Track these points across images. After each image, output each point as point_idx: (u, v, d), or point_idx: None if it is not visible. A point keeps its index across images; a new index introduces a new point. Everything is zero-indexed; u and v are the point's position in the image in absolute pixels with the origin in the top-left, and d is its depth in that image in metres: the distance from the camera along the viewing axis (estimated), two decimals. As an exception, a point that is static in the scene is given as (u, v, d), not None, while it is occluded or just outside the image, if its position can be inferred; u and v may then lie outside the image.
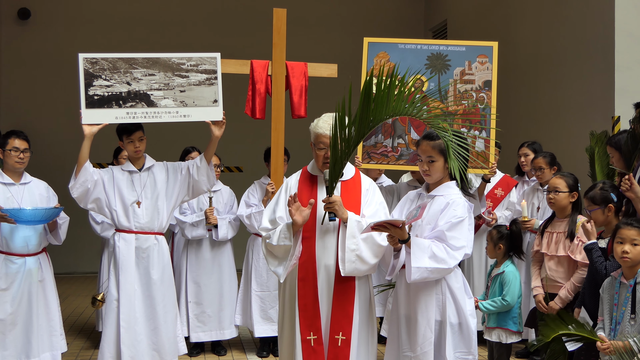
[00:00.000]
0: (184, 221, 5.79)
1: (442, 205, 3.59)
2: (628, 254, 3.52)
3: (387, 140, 5.20)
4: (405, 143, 5.19)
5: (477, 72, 5.23)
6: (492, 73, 5.22)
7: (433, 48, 5.28)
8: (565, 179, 4.51)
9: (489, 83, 5.22)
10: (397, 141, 5.19)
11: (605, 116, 6.45)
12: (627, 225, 3.59)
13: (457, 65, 5.25)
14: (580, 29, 7.05)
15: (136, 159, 4.80)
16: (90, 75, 4.57)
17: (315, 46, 10.39)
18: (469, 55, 5.26)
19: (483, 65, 5.24)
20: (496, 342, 4.52)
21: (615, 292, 3.60)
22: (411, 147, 5.14)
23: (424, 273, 3.45)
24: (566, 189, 4.45)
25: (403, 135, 5.21)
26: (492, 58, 5.25)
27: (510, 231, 4.60)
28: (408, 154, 5.17)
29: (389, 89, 3.46)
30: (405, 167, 5.28)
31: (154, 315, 4.67)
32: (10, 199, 4.73)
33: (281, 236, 3.65)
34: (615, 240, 3.61)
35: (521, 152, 6.19)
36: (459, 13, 10.45)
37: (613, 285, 3.64)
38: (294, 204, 3.61)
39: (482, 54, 5.26)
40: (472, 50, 5.27)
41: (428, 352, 3.56)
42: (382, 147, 5.20)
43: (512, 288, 4.42)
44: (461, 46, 5.29)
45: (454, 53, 5.26)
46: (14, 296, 4.67)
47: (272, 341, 6.01)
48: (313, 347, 3.66)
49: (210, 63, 4.73)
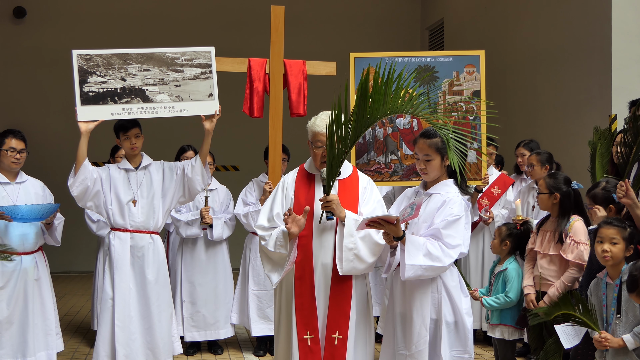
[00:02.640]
0: (179, 219, 5.77)
1: (438, 203, 3.59)
2: (608, 252, 3.51)
3: (380, 157, 5.23)
4: (398, 159, 5.21)
5: (465, 83, 5.26)
6: (480, 83, 5.24)
7: (420, 60, 5.31)
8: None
9: (478, 93, 5.24)
10: (390, 157, 5.22)
11: (603, 115, 6.45)
12: (607, 225, 3.58)
13: (445, 76, 5.28)
14: (578, 27, 7.05)
15: (133, 157, 4.78)
16: (84, 72, 4.55)
17: (313, 44, 10.37)
18: (456, 66, 5.29)
19: (471, 75, 5.26)
20: (499, 339, 4.55)
21: (603, 294, 3.59)
22: (404, 163, 5.18)
23: (418, 271, 3.44)
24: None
25: (395, 151, 5.23)
26: (480, 67, 5.28)
27: (521, 230, 4.65)
28: (401, 169, 5.20)
29: (386, 86, 3.45)
30: (399, 182, 5.32)
31: (148, 315, 4.66)
32: (6, 197, 4.70)
33: (277, 243, 3.65)
34: (596, 240, 3.60)
35: (518, 152, 6.19)
36: (455, 12, 10.44)
37: (599, 286, 3.63)
38: (289, 217, 3.60)
39: (470, 63, 5.28)
40: (459, 60, 5.29)
41: (423, 350, 3.56)
42: (376, 164, 5.22)
43: (515, 285, 4.45)
44: (448, 57, 5.33)
45: (441, 64, 5.28)
46: (9, 295, 4.64)
47: (269, 340, 5.99)
48: (310, 346, 3.65)
49: (204, 57, 4.71)
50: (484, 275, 6.08)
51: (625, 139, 3.85)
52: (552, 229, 4.33)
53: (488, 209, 6.00)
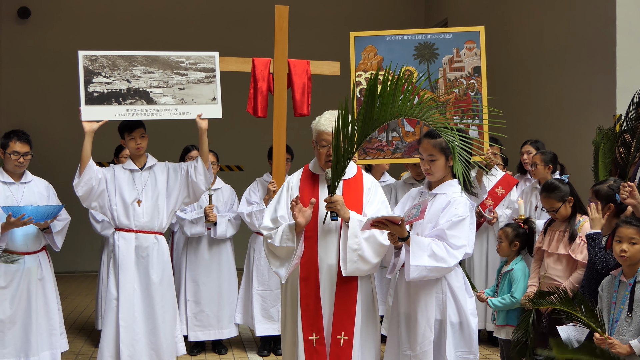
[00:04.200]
0: (184, 218, 5.78)
1: (443, 204, 3.58)
2: (626, 252, 3.50)
3: (382, 135, 5.19)
4: (400, 136, 5.17)
5: (465, 59, 5.21)
6: (481, 58, 5.19)
7: (420, 37, 5.26)
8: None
9: (479, 69, 5.19)
10: (391, 135, 5.18)
11: (607, 114, 6.43)
12: (626, 224, 3.57)
13: (445, 53, 5.23)
14: (582, 26, 7.03)
15: (137, 157, 4.79)
16: (89, 72, 4.57)
17: (317, 44, 10.37)
18: (456, 42, 5.24)
19: (471, 51, 5.21)
20: (505, 340, 4.55)
21: (614, 291, 3.58)
22: (406, 140, 5.13)
23: (423, 271, 3.43)
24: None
25: (397, 128, 5.19)
26: (480, 43, 5.22)
27: (528, 229, 4.66)
28: (403, 146, 5.15)
29: (394, 87, 3.43)
30: (401, 160, 5.26)
31: (152, 315, 4.66)
32: (10, 197, 4.71)
33: (283, 237, 3.63)
34: (614, 239, 3.60)
35: (524, 149, 6.18)
36: (459, 11, 10.43)
37: (613, 283, 3.62)
38: (296, 206, 3.59)
39: (470, 39, 5.23)
40: (459, 36, 5.24)
41: (427, 351, 3.54)
42: (377, 141, 5.18)
43: (521, 285, 4.44)
44: (448, 33, 5.27)
45: (441, 41, 5.23)
46: (13, 294, 4.65)
47: (273, 340, 6.00)
48: (315, 347, 3.64)
49: (208, 61, 4.74)
50: (487, 275, 6.07)
51: (626, 139, 3.84)
52: (562, 229, 4.33)
53: (492, 209, 5.99)
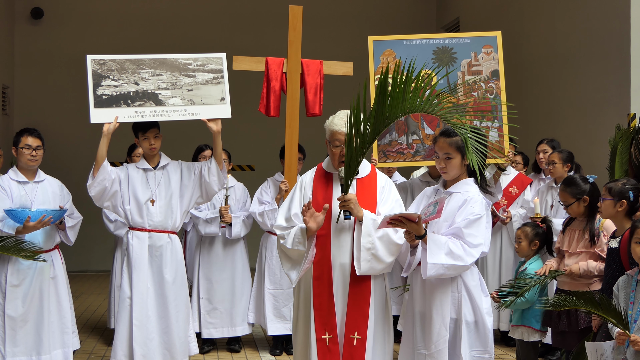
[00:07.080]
0: (198, 216, 5.79)
1: (459, 202, 3.57)
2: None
3: (402, 138, 5.19)
4: (420, 139, 5.17)
5: (483, 63, 5.24)
6: (499, 62, 5.22)
7: (438, 42, 5.30)
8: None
9: (497, 72, 5.22)
10: (411, 137, 5.18)
11: (622, 114, 6.39)
12: None
13: (463, 57, 5.26)
14: (596, 25, 6.99)
15: (151, 157, 4.80)
16: (98, 75, 4.61)
17: (330, 44, 10.36)
18: (474, 47, 5.28)
19: (489, 55, 5.23)
20: (520, 340, 4.55)
21: (632, 291, 3.55)
22: (426, 143, 5.13)
23: (440, 269, 3.42)
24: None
25: (417, 131, 5.19)
26: (497, 47, 5.26)
27: (546, 227, 4.66)
28: (424, 149, 5.15)
29: (404, 85, 3.42)
30: (422, 162, 5.30)
31: (166, 315, 4.67)
32: (24, 196, 4.73)
33: (295, 240, 3.63)
34: (633, 240, 3.56)
35: (540, 148, 6.16)
36: (471, 10, 10.39)
37: (629, 283, 3.59)
38: (307, 211, 3.58)
39: (487, 44, 5.27)
40: (477, 41, 5.29)
41: (442, 350, 3.53)
42: (398, 144, 5.18)
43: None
44: (465, 38, 5.31)
45: (459, 45, 5.27)
46: (25, 293, 4.67)
47: (285, 339, 5.99)
48: (328, 346, 3.63)
49: (216, 63, 4.76)
50: (501, 275, 6.03)
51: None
52: (581, 228, 4.31)
53: (506, 208, 5.96)
